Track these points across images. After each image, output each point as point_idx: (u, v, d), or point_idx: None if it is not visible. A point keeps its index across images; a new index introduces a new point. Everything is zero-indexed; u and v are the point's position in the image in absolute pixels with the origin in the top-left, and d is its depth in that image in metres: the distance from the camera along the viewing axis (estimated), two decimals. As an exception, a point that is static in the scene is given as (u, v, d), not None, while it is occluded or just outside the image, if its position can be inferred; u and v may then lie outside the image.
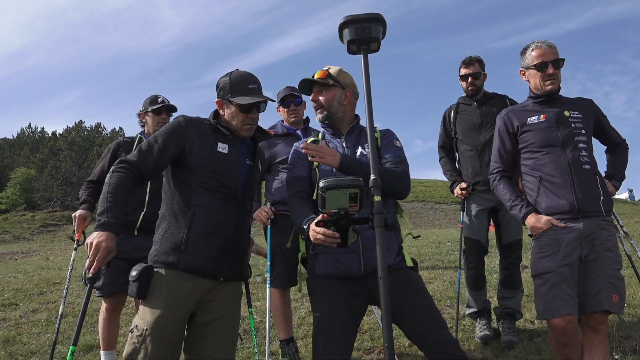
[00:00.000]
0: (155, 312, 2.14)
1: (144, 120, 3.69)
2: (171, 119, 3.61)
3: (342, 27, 1.87)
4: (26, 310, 5.77)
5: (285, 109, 3.81)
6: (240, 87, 2.38)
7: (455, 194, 3.99)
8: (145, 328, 2.11)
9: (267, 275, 3.47)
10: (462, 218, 3.97)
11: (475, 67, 3.97)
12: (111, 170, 2.20)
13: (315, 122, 3.92)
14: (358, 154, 2.52)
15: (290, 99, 3.78)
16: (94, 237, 2.02)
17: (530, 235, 2.77)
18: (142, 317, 2.16)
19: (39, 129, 43.64)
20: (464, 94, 4.12)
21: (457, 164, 4.18)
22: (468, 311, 4.05)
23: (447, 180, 4.26)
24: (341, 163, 2.33)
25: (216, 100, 2.47)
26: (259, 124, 2.52)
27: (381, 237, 1.72)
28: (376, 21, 1.83)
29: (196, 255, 2.23)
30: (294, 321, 4.33)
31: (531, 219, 2.71)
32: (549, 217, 2.66)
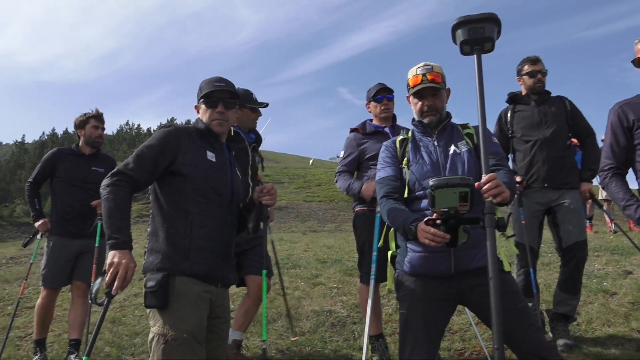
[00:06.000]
0: (188, 317, 2.13)
1: None
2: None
3: (455, 28, 1.87)
4: (129, 294, 6.25)
5: (378, 104, 3.84)
6: (208, 86, 2.45)
7: None
8: (184, 335, 2.08)
9: (373, 266, 3.40)
10: (522, 215, 3.84)
11: (541, 64, 4.05)
12: (108, 183, 2.17)
13: (403, 120, 3.94)
14: (451, 151, 2.48)
15: (383, 94, 3.82)
16: (116, 256, 2.04)
17: None
18: (173, 325, 2.09)
19: (135, 126, 46.98)
20: (522, 92, 4.13)
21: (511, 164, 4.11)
22: None
23: None
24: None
25: (194, 105, 2.56)
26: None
27: (492, 238, 1.71)
28: (490, 21, 1.81)
29: (199, 262, 2.22)
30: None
31: (649, 221, 2.54)
32: (669, 220, 2.48)
